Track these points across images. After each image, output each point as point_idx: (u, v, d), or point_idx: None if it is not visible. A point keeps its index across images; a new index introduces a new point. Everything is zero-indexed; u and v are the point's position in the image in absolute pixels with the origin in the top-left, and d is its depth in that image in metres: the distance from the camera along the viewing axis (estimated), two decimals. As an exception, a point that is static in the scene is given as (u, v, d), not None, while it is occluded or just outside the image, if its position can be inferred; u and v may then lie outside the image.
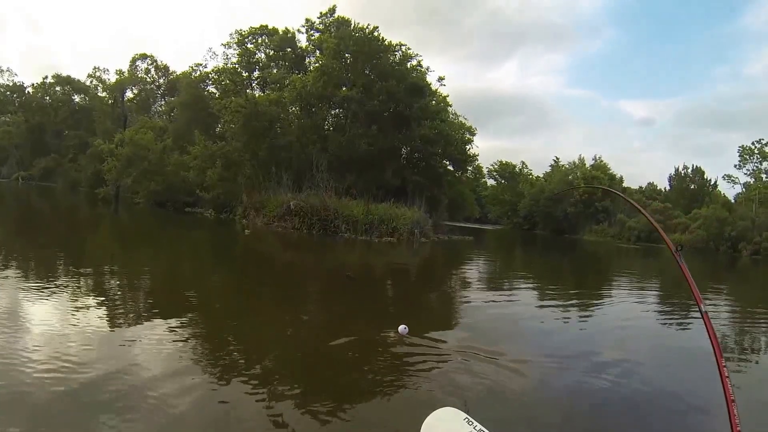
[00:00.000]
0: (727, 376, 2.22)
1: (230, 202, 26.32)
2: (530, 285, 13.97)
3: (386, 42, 29.81)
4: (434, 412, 2.34)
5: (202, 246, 16.88)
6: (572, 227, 44.78)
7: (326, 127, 29.44)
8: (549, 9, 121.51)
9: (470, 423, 2.17)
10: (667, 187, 57.86)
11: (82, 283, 7.76)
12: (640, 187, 57.72)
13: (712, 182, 54.89)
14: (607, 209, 44.57)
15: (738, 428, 2.11)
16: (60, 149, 49.83)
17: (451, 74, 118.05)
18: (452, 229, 33.80)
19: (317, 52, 31.53)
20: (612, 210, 46.05)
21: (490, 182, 54.85)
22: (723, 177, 51.73)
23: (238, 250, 16.70)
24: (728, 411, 2.16)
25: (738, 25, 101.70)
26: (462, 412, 2.29)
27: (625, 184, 52.04)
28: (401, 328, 5.56)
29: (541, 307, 9.80)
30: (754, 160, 46.94)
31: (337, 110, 29.75)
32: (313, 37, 32.72)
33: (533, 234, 46.59)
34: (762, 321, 10.48)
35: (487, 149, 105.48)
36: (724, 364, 2.26)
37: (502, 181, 55.28)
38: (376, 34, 29.34)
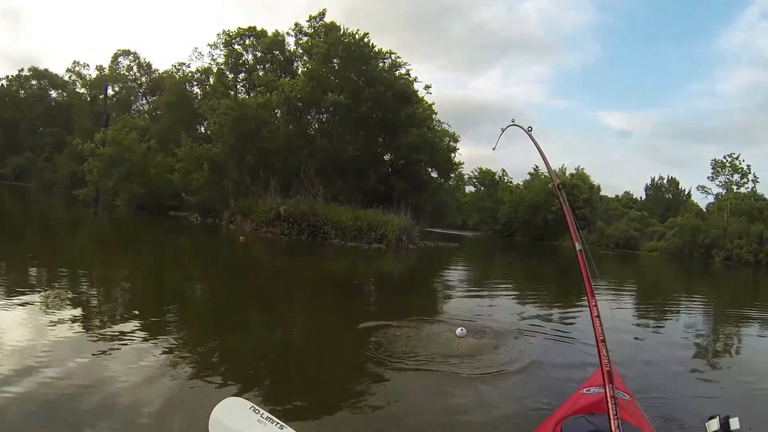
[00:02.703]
0: (597, 316, 2.33)
1: (216, 207, 25.99)
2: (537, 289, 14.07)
3: (376, 49, 29.84)
4: (220, 403, 2.34)
5: (193, 253, 16.64)
6: (552, 234, 45.40)
7: (312, 132, 29.27)
8: (534, 22, 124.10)
9: (256, 411, 2.22)
10: (644, 196, 59.51)
11: (65, 290, 7.54)
12: (617, 196, 59.09)
13: (687, 192, 56.71)
14: (586, 217, 45.32)
15: (606, 367, 2.19)
16: (34, 147, 48.43)
17: (435, 80, 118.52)
18: (435, 235, 33.96)
19: (305, 56, 31.32)
20: (591, 218, 46.93)
21: (469, 189, 55.39)
22: (697, 188, 53.66)
23: (231, 256, 16.51)
24: (597, 348, 2.26)
25: (713, 46, 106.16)
26: (247, 402, 2.33)
27: (602, 193, 53.28)
28: (459, 330, 5.50)
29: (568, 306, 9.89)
30: (726, 173, 48.84)
31: (324, 115, 29.60)
32: (301, 41, 32.52)
33: (513, 241, 47.20)
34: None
35: (467, 156, 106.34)
36: (594, 304, 2.37)
37: (482, 189, 55.85)
38: (366, 40, 29.36)
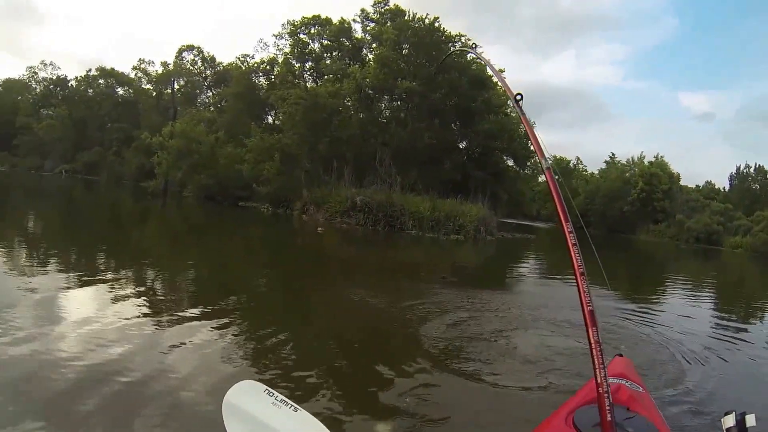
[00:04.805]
0: (574, 243, 2.19)
1: (288, 197, 25.31)
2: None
3: (446, 33, 28.67)
4: (234, 385, 2.24)
5: (269, 243, 16.04)
6: (629, 226, 42.81)
7: (385, 120, 28.31)
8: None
9: (271, 394, 2.18)
10: (728, 187, 55.34)
11: (136, 278, 7.65)
12: (697, 186, 55.20)
13: (777, 182, 51.91)
14: (665, 209, 42.58)
15: (588, 306, 2.07)
16: (103, 142, 49.42)
17: (505, 65, 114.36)
18: (513, 226, 32.56)
19: (374, 43, 30.38)
20: (670, 210, 44.06)
21: (542, 178, 52.90)
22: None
23: (308, 247, 15.88)
24: (578, 286, 2.12)
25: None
26: (262, 385, 2.25)
27: (681, 182, 49.84)
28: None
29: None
30: (824, 161, 44.19)
31: (396, 103, 28.56)
32: (368, 28, 31.64)
33: (588, 233, 44.68)
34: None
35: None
36: (570, 230, 2.20)
37: (556, 177, 53.13)
38: (436, 24, 28.24)
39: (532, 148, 31.15)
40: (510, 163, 31.27)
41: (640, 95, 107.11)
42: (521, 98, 2.60)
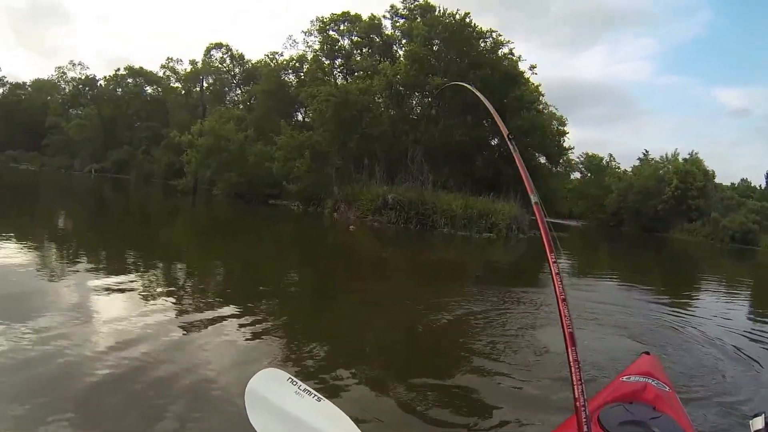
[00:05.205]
0: (558, 273, 2.17)
1: (318, 195, 25.16)
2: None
3: (477, 28, 28.24)
4: (257, 373, 2.20)
5: (301, 242, 15.99)
6: (662, 225, 41.81)
7: (416, 117, 28.01)
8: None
9: (294, 383, 2.15)
10: (763, 185, 53.80)
11: (165, 275, 7.71)
12: (732, 184, 53.89)
13: (816, 180, 50.29)
14: (699, 208, 41.51)
15: (569, 328, 2.09)
16: (132, 141, 50.04)
17: (536, 61, 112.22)
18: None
19: (404, 39, 30.12)
20: (705, 208, 42.95)
21: (574, 176, 52.05)
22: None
23: (340, 245, 15.72)
24: (558, 309, 2.14)
25: None
26: (285, 373, 2.22)
27: (716, 180, 48.57)
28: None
29: None
30: None
31: (428, 99, 28.24)
32: (398, 24, 31.38)
33: (621, 231, 43.86)
34: None
35: (571, 141, 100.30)
36: (554, 260, 2.22)
37: (588, 175, 52.64)
38: (467, 20, 27.82)
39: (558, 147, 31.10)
40: (542, 160, 30.77)
41: (672, 91, 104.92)
42: (513, 137, 2.73)
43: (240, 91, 46.00)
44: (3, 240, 8.90)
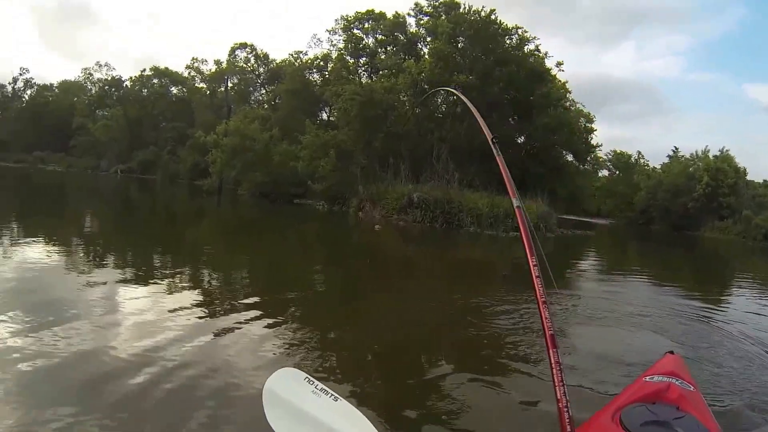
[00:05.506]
0: (538, 276, 2.24)
1: (343, 194, 25.12)
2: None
3: (503, 25, 27.96)
4: (274, 373, 2.25)
5: (327, 241, 15.95)
6: (693, 223, 40.92)
7: (441, 115, 27.83)
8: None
9: (311, 383, 2.16)
10: (798, 184, 51.93)
11: (193, 274, 7.68)
12: (765, 181, 52.41)
13: None
14: (731, 205, 40.53)
15: (550, 330, 2.15)
16: (158, 141, 50.55)
17: (563, 56, 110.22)
18: (572, 223, 31.63)
19: (429, 37, 29.95)
20: (736, 206, 41.93)
21: (602, 173, 51.21)
22: None
23: (365, 244, 15.57)
24: (539, 311, 2.21)
25: None
26: (303, 372, 2.25)
27: (748, 177, 47.30)
28: None
29: None
30: None
31: (453, 97, 28.05)
32: (422, 21, 31.20)
33: (650, 230, 43.04)
34: None
35: (599, 138, 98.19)
36: (535, 264, 2.28)
37: (617, 173, 51.76)
38: (492, 17, 27.56)
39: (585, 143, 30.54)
40: (569, 158, 30.34)
41: (703, 87, 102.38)
42: (497, 140, 2.82)
43: (264, 91, 46.23)
44: (33, 240, 9.03)
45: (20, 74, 64.74)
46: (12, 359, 3.53)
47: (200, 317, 5.15)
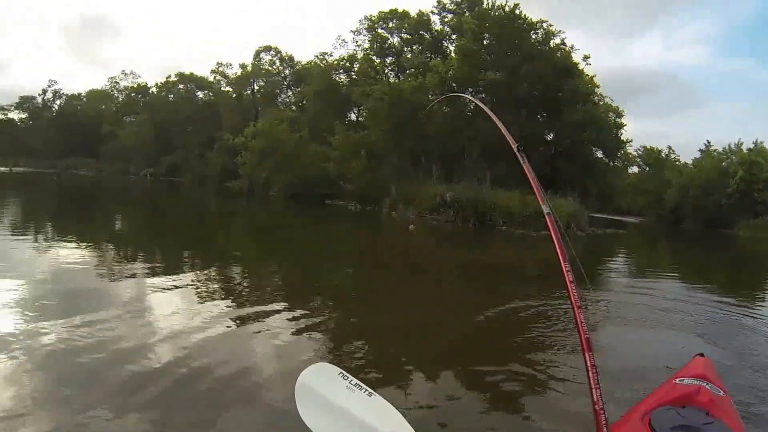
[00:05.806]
0: (572, 281, 2.23)
1: (375, 194, 25.23)
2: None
3: (528, 20, 27.78)
4: (308, 367, 2.27)
5: (365, 243, 15.85)
6: (726, 221, 39.76)
7: (471, 113, 27.78)
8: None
9: (345, 378, 2.17)
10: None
11: (228, 274, 7.83)
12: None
13: None
14: (766, 201, 39.38)
15: (585, 334, 2.15)
16: (185, 145, 51.23)
17: (589, 50, 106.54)
18: (605, 221, 31.31)
19: (454, 35, 29.90)
20: (773, 203, 40.70)
21: (632, 170, 49.98)
22: None
23: (401, 245, 15.53)
24: (574, 316, 2.20)
25: None
26: (336, 367, 2.25)
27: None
28: None
29: None
30: None
31: (482, 95, 27.98)
32: (446, 19, 31.16)
33: (682, 228, 41.99)
34: None
35: (628, 133, 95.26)
36: (568, 269, 2.27)
37: (646, 169, 50.78)
38: (517, 12, 27.41)
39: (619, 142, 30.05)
40: (599, 154, 30.01)
41: (735, 75, 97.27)
42: (522, 147, 2.73)
43: (291, 93, 46.52)
44: (68, 239, 9.43)
45: (49, 86, 66.05)
46: (53, 355, 3.68)
47: (229, 314, 5.24)
